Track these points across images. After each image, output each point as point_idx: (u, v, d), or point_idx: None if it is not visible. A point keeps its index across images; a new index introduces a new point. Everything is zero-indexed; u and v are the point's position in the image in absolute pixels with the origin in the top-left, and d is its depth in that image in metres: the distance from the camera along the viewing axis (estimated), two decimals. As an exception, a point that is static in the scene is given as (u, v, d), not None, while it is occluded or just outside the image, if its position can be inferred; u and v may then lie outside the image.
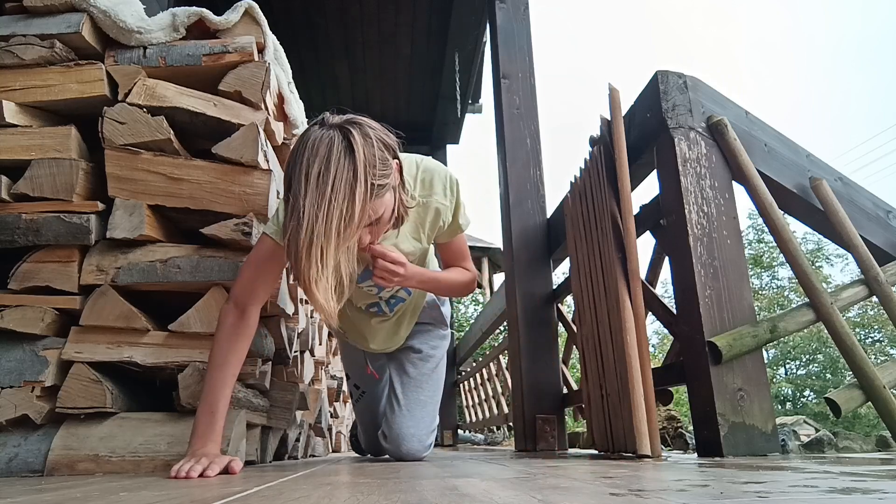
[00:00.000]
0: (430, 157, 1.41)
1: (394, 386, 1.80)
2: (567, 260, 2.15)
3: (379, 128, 1.10)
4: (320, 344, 2.73)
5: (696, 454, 1.64)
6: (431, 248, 1.60)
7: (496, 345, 5.44)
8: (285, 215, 1.01)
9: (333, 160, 0.98)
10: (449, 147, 5.49)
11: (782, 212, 1.65)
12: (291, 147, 1.05)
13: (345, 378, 2.08)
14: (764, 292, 23.09)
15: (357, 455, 2.40)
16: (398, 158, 1.15)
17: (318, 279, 0.96)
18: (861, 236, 1.68)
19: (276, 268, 1.26)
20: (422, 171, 1.35)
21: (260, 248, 1.22)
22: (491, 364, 4.99)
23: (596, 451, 1.79)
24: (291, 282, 1.81)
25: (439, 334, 1.87)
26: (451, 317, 1.91)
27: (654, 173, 1.72)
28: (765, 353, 1.53)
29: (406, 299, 1.66)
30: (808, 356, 22.13)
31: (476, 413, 5.43)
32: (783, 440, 2.51)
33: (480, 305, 13.13)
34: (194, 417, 1.12)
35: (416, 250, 1.43)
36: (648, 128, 1.71)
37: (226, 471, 1.03)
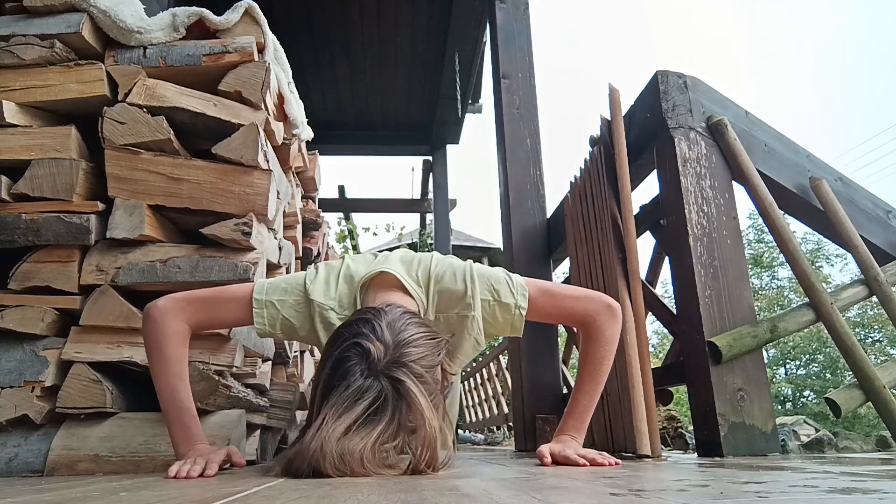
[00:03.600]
0: (437, 256, 1.18)
1: None
2: (567, 260, 2.15)
3: (423, 337, 0.93)
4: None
5: (696, 454, 1.64)
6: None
7: (496, 345, 5.44)
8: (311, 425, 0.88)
9: (389, 424, 0.85)
10: (449, 147, 5.49)
11: (782, 212, 1.65)
12: (325, 372, 0.91)
13: None
14: (764, 292, 23.08)
15: None
16: (443, 349, 0.98)
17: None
18: (861, 236, 1.68)
19: (233, 322, 1.19)
20: (433, 288, 1.13)
21: (232, 297, 1.12)
22: (491, 364, 4.98)
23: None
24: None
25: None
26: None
27: (654, 173, 1.73)
28: (765, 353, 1.53)
29: None
30: (808, 356, 22.12)
31: (476, 413, 5.43)
32: (783, 440, 2.51)
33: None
34: (167, 429, 1.07)
35: (475, 352, 1.21)
36: (648, 128, 1.71)
37: (227, 463, 1.03)
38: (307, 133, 1.90)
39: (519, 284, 1.15)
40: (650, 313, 1.81)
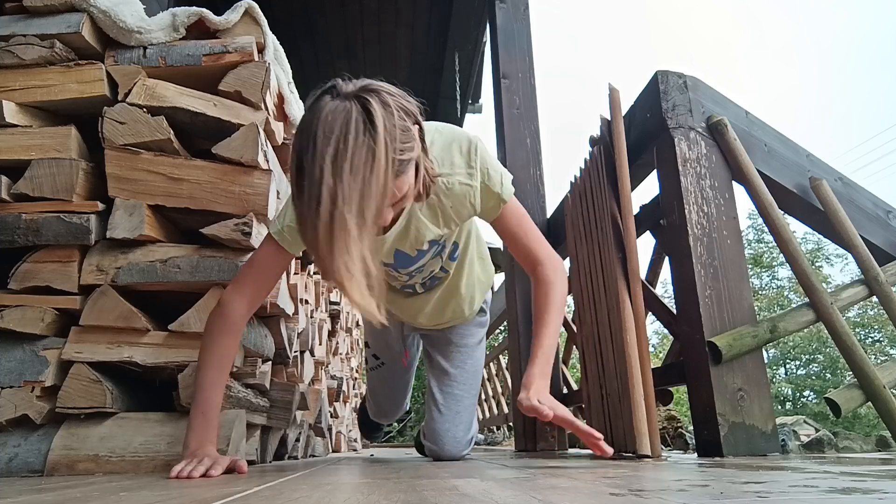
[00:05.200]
0: (447, 124, 1.23)
1: (430, 384, 1.74)
2: (567, 260, 2.15)
3: (399, 93, 0.96)
4: (320, 344, 2.72)
5: (696, 454, 1.64)
6: (470, 222, 1.41)
7: (496, 345, 5.44)
8: (298, 203, 0.88)
9: (351, 138, 0.85)
10: (449, 147, 5.48)
11: (782, 212, 1.65)
12: (300, 121, 0.92)
13: (364, 347, 1.97)
14: (764, 292, 23.08)
15: (366, 428, 2.36)
16: (419, 124, 1.01)
17: (348, 274, 0.85)
18: (861, 236, 1.68)
19: (277, 270, 1.22)
20: (437, 147, 1.17)
21: (263, 250, 1.19)
22: (491, 364, 4.99)
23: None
24: (291, 282, 1.81)
25: (480, 321, 1.77)
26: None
27: (654, 173, 1.73)
28: (765, 353, 1.53)
29: (442, 278, 1.51)
30: (808, 356, 22.13)
31: (476, 413, 5.43)
32: (783, 440, 2.51)
33: (480, 305, 13.08)
34: (188, 420, 1.10)
35: (434, 233, 1.26)
36: (648, 128, 1.71)
37: (230, 471, 1.03)
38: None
39: (508, 183, 1.22)
40: (650, 313, 1.81)
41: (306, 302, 2.23)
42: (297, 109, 1.75)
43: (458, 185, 1.18)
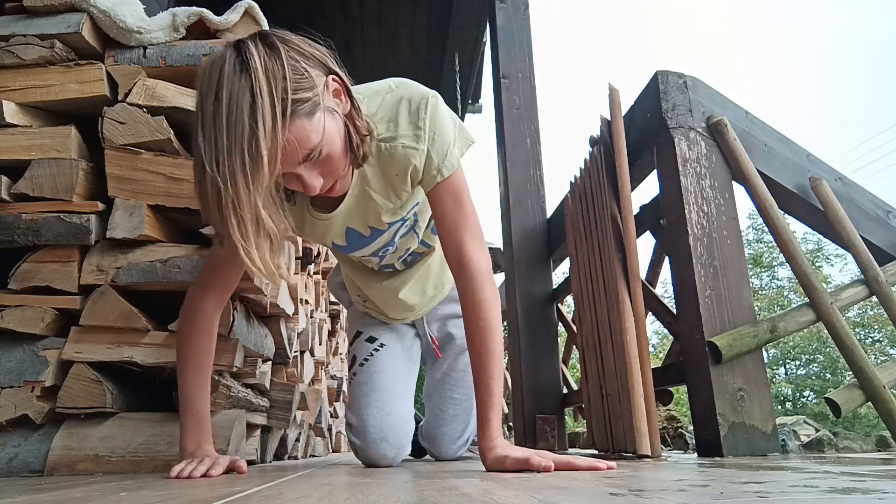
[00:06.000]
0: (406, 81, 1.08)
1: (427, 385, 1.66)
2: (567, 260, 2.15)
3: (299, 39, 0.88)
4: (320, 344, 2.73)
5: (696, 454, 1.64)
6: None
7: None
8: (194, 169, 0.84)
9: (226, 83, 0.78)
10: (449, 147, 5.48)
11: (782, 212, 1.65)
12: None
13: (350, 341, 1.62)
14: (764, 292, 23.08)
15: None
16: (337, 75, 0.92)
17: (242, 236, 0.79)
18: (861, 236, 1.68)
19: (237, 263, 1.12)
20: (385, 106, 1.03)
21: (217, 246, 1.12)
22: (491, 364, 4.98)
23: (596, 451, 1.80)
24: (291, 281, 1.81)
25: None
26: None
27: (654, 173, 1.73)
28: (765, 353, 1.53)
29: (425, 253, 1.39)
30: (808, 356, 22.14)
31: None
32: (783, 440, 2.51)
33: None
34: (179, 423, 1.08)
35: (386, 206, 1.13)
36: (648, 128, 1.71)
37: (230, 470, 1.03)
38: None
39: (451, 149, 1.05)
40: (650, 313, 1.81)
41: (306, 302, 2.23)
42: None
43: (400, 149, 1.03)
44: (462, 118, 5.09)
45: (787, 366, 22.99)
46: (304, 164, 0.89)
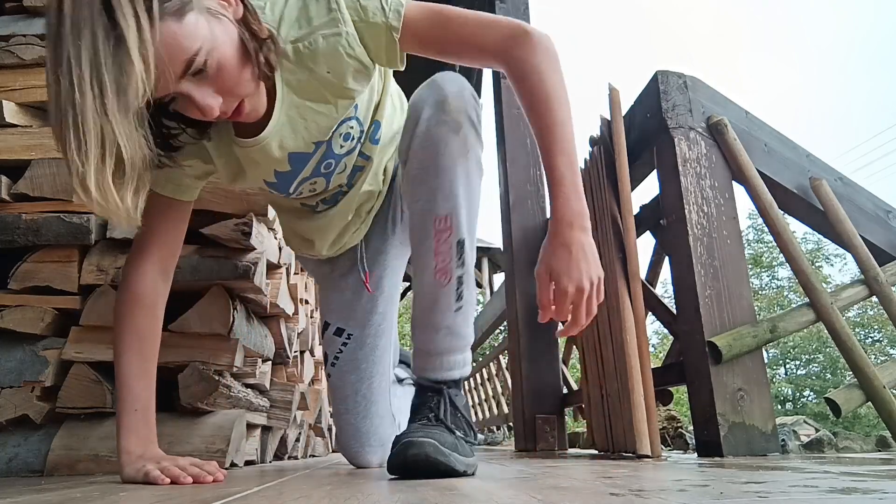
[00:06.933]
0: None
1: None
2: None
3: None
4: (320, 344, 2.72)
5: (696, 454, 1.64)
6: (378, 82, 1.07)
7: (496, 345, 5.44)
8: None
9: None
10: (449, 147, 5.48)
11: (782, 212, 1.65)
12: None
13: (320, 332, 1.43)
14: (764, 292, 23.09)
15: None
16: None
17: (80, 158, 0.67)
18: (861, 236, 1.68)
19: (175, 220, 1.03)
20: (288, 6, 0.89)
21: (148, 207, 0.86)
22: (491, 364, 4.99)
23: (596, 451, 1.80)
24: (291, 282, 1.81)
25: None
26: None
27: (654, 173, 1.73)
28: (765, 353, 1.53)
29: (365, 166, 1.15)
30: (808, 356, 22.15)
31: (476, 413, 5.43)
32: (783, 440, 2.51)
33: (480, 306, 13.11)
34: (117, 421, 0.93)
35: (330, 112, 0.97)
36: (648, 128, 1.71)
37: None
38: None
39: (394, 1, 0.90)
40: (650, 313, 1.81)
41: (306, 302, 2.23)
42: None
43: (321, 41, 0.89)
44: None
45: (787, 366, 23.00)
46: (190, 80, 0.77)
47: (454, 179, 0.89)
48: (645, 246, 1.86)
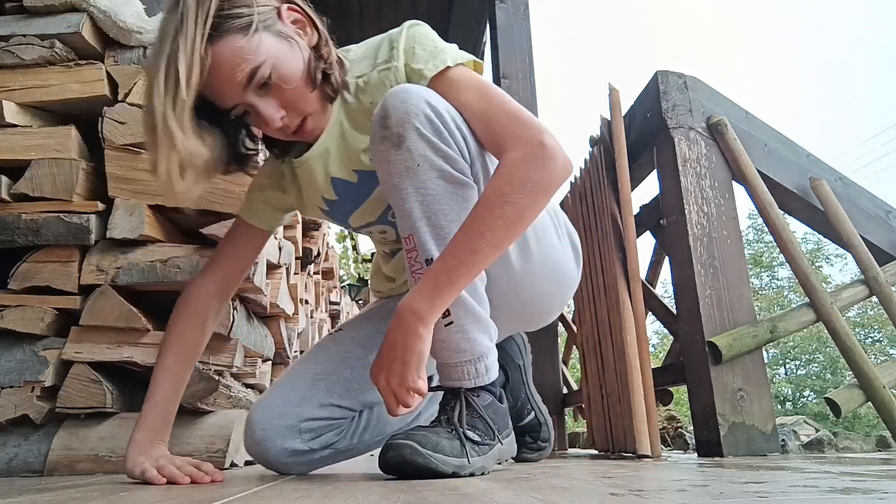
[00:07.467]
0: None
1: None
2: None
3: None
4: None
5: (696, 454, 1.64)
6: None
7: (496, 345, 5.41)
8: None
9: (165, 16, 0.83)
10: (449, 147, 5.48)
11: (782, 212, 1.65)
12: None
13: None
14: (764, 292, 23.09)
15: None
16: (296, 5, 0.93)
17: (156, 149, 0.80)
18: (861, 236, 1.68)
19: (248, 248, 1.13)
20: (367, 46, 1.00)
21: (230, 230, 1.15)
22: (491, 364, 4.98)
23: (596, 451, 1.80)
24: (291, 282, 1.81)
25: None
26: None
27: (654, 173, 1.73)
28: (765, 353, 1.53)
29: None
30: (808, 356, 22.15)
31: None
32: (783, 440, 2.51)
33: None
34: (141, 413, 0.96)
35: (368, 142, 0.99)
36: (648, 128, 1.71)
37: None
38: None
39: (441, 53, 0.91)
40: (650, 313, 1.81)
41: (306, 302, 2.23)
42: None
43: (375, 74, 0.95)
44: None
45: (787, 366, 23.00)
46: (256, 92, 0.87)
47: (405, 198, 0.85)
48: (645, 246, 1.86)
